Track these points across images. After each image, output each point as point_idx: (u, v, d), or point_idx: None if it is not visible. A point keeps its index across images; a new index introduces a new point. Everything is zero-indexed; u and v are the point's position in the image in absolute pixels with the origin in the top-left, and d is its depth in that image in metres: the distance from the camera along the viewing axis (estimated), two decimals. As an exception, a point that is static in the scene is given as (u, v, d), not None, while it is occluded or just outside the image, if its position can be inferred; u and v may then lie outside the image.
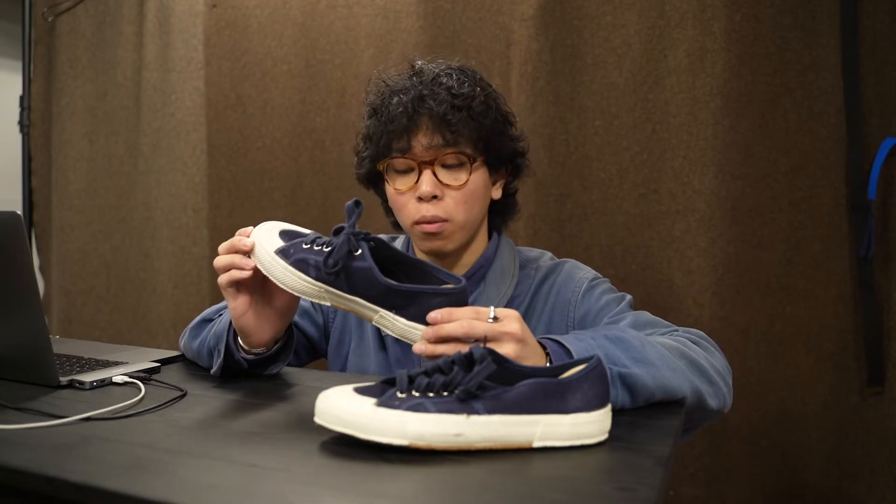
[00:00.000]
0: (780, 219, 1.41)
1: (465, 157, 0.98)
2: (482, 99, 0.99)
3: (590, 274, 1.07)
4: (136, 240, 1.93)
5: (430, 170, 0.97)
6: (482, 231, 1.08)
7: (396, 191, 1.01)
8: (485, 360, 0.66)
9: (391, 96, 0.99)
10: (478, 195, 1.01)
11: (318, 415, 0.68)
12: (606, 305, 1.01)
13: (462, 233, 1.01)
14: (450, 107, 0.95)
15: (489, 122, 0.99)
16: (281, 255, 0.80)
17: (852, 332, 1.38)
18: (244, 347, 0.92)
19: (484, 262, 1.06)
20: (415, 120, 0.96)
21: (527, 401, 0.66)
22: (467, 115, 0.96)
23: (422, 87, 0.97)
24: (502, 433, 0.66)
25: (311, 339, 1.14)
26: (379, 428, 0.64)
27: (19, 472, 0.63)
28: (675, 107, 1.45)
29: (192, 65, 1.79)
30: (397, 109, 0.96)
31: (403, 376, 0.67)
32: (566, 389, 0.68)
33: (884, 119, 1.34)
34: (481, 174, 1.01)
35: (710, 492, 1.46)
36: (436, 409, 0.65)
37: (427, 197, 0.97)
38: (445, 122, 0.95)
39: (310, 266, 0.79)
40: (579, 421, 0.67)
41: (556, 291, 1.05)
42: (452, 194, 0.98)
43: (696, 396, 0.83)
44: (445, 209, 0.98)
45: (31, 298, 0.88)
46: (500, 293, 1.04)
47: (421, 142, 0.97)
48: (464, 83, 0.98)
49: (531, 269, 1.08)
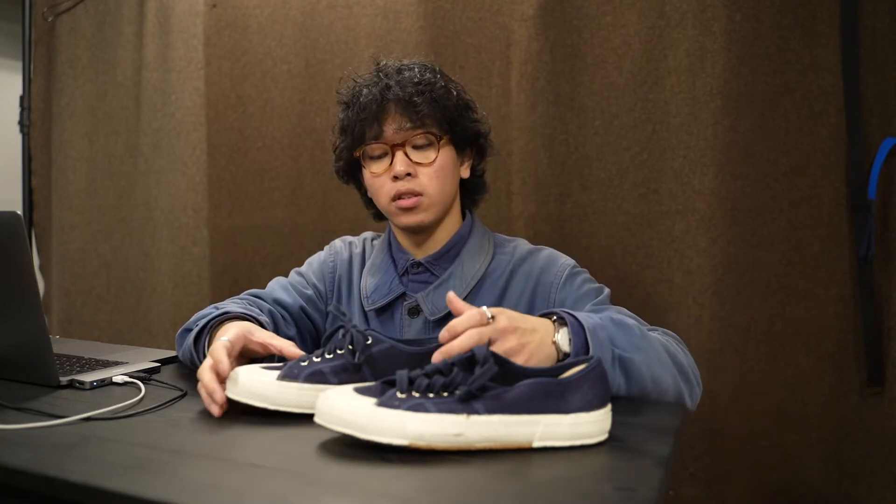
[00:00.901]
0: (780, 219, 1.41)
1: (433, 136, 1.07)
2: (442, 84, 1.08)
3: (570, 262, 1.11)
4: (136, 240, 1.93)
5: (402, 151, 1.06)
6: (455, 210, 1.14)
7: (373, 174, 1.08)
8: (487, 361, 0.66)
9: (360, 90, 1.08)
10: (448, 171, 1.08)
11: (319, 415, 0.68)
12: (587, 294, 1.05)
13: (437, 207, 1.08)
14: (414, 92, 1.04)
15: (451, 105, 1.08)
16: (288, 379, 0.79)
17: (852, 332, 1.38)
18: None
19: (458, 238, 1.12)
20: (383, 106, 1.05)
21: (527, 401, 0.66)
22: (430, 98, 1.05)
23: (387, 78, 1.06)
24: (502, 433, 0.66)
25: (317, 327, 1.17)
26: (379, 428, 0.64)
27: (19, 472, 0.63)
28: (675, 107, 1.45)
29: (192, 65, 1.79)
30: (367, 98, 1.05)
31: (403, 377, 0.67)
32: (566, 389, 0.68)
33: (884, 119, 1.34)
34: (449, 152, 1.09)
35: (710, 492, 1.46)
36: (436, 409, 0.65)
37: (402, 175, 1.05)
38: (411, 104, 1.04)
39: (326, 374, 0.79)
40: (579, 421, 0.67)
41: (537, 273, 1.09)
42: (425, 171, 1.06)
43: (678, 393, 0.88)
44: (420, 184, 1.06)
45: (31, 298, 0.88)
46: (474, 268, 1.09)
47: (391, 126, 1.05)
48: (425, 72, 1.08)
49: (509, 247, 1.13)
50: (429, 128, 1.06)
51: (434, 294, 1.07)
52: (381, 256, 1.14)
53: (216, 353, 0.82)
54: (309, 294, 1.15)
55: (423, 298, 1.07)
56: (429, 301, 1.06)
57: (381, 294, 1.10)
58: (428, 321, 1.06)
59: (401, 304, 1.09)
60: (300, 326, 1.14)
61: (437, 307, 1.06)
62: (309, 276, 1.18)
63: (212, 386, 0.79)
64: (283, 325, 1.11)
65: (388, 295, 1.09)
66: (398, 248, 1.14)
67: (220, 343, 0.84)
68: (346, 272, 1.17)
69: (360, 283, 1.14)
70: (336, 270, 1.17)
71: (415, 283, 1.10)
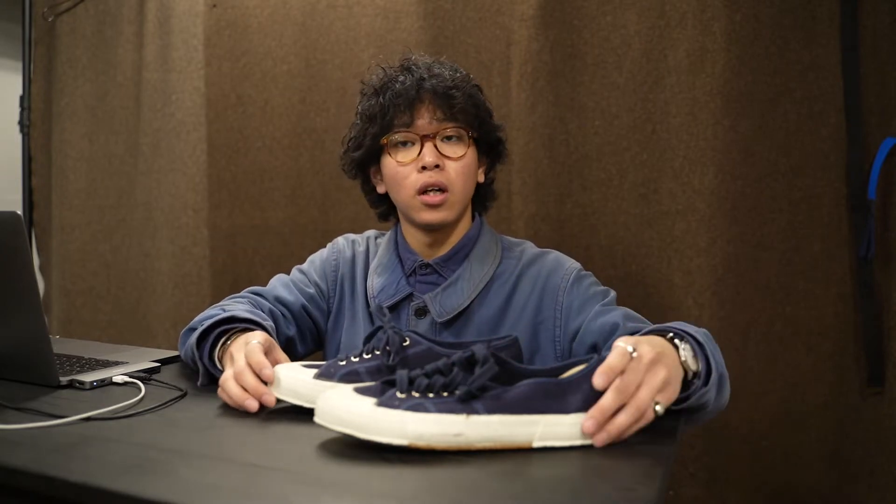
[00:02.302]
0: (780, 219, 1.41)
1: (464, 131, 1.07)
2: (474, 84, 1.11)
3: (577, 265, 1.11)
4: (136, 240, 1.93)
5: (432, 142, 1.05)
6: (468, 212, 1.15)
7: (399, 163, 1.07)
8: (487, 361, 0.66)
9: (395, 76, 1.08)
10: (472, 170, 1.09)
11: (318, 415, 0.68)
12: (594, 296, 1.05)
13: (460, 205, 1.09)
14: (451, 85, 1.05)
15: (482, 105, 1.10)
16: (324, 378, 0.80)
17: (852, 332, 1.38)
18: (220, 368, 0.93)
19: (467, 240, 1.12)
20: (420, 95, 1.05)
21: (526, 401, 0.66)
22: (466, 94, 1.06)
23: (420, 71, 1.06)
24: (502, 433, 0.66)
25: (318, 326, 1.17)
26: (379, 428, 0.64)
27: (19, 472, 0.63)
28: (675, 107, 1.45)
29: (192, 65, 1.79)
30: (403, 86, 1.05)
31: (403, 376, 0.67)
32: (566, 389, 0.68)
33: (884, 119, 1.34)
34: (474, 152, 1.10)
35: (710, 492, 1.46)
36: (436, 409, 0.65)
37: (430, 165, 1.04)
38: (448, 97, 1.04)
39: (361, 374, 0.80)
40: (580, 421, 0.67)
41: (545, 276, 1.09)
42: (452, 165, 1.06)
43: (726, 404, 0.86)
44: (447, 178, 1.05)
45: (31, 298, 0.88)
46: (482, 270, 1.09)
47: (424, 116, 1.05)
48: (456, 71, 1.09)
49: (516, 251, 1.13)
50: (461, 122, 1.06)
51: (442, 295, 1.06)
52: (387, 256, 1.13)
53: (255, 355, 0.82)
54: (311, 292, 1.15)
55: (431, 299, 1.06)
56: (437, 302, 1.06)
57: (388, 294, 1.09)
58: (435, 322, 1.06)
59: (407, 304, 1.08)
60: (301, 325, 1.14)
61: (444, 309, 1.05)
62: (311, 274, 1.17)
63: (260, 389, 0.80)
64: (283, 323, 1.11)
65: (395, 295, 1.08)
66: (406, 247, 1.13)
67: (255, 345, 0.84)
68: (350, 271, 1.16)
69: (364, 281, 1.14)
70: (339, 269, 1.17)
71: (422, 284, 1.09)
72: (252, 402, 0.80)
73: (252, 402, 0.80)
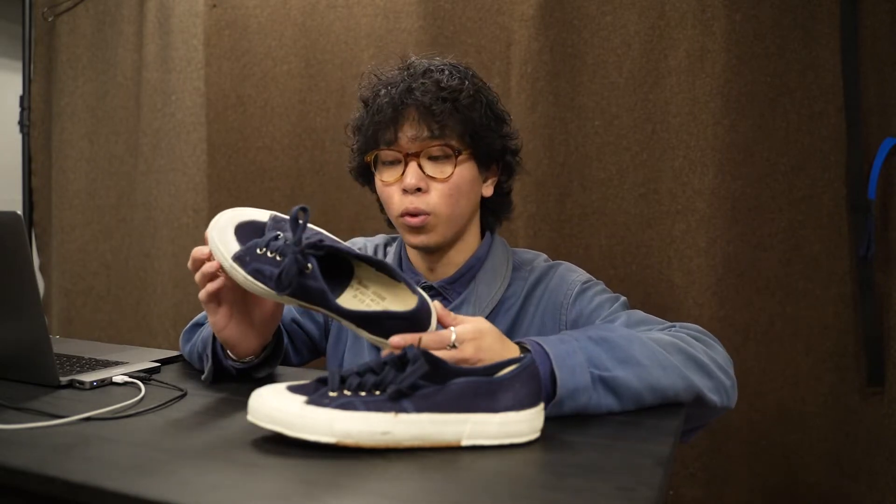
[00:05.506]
0: (780, 219, 1.41)
1: (451, 149, 0.98)
2: (471, 93, 0.98)
3: (583, 277, 1.06)
4: (136, 240, 1.93)
5: (416, 162, 0.97)
6: (473, 229, 1.07)
7: (383, 182, 1.01)
8: (417, 360, 0.66)
9: (381, 88, 0.99)
10: (463, 189, 1.00)
11: (250, 412, 0.68)
12: (599, 306, 1.00)
13: (446, 227, 1.00)
14: (436, 98, 0.95)
15: (477, 116, 0.98)
16: (238, 263, 0.77)
17: (852, 332, 1.38)
18: (232, 357, 0.92)
19: (475, 261, 1.05)
20: (401, 111, 0.96)
21: (456, 399, 0.67)
22: (453, 108, 0.96)
23: (411, 79, 0.97)
24: (430, 431, 0.66)
25: (311, 337, 1.14)
26: (306, 426, 0.65)
27: (19, 472, 0.63)
28: (675, 107, 1.45)
29: (192, 65, 1.79)
30: (384, 100, 0.97)
31: (335, 374, 0.67)
32: (497, 388, 0.68)
33: (884, 119, 1.34)
34: (468, 168, 1.00)
35: (710, 492, 1.46)
36: (364, 407, 0.65)
37: (411, 189, 0.97)
38: (431, 113, 0.95)
39: (266, 278, 0.75)
40: (508, 420, 0.68)
41: (548, 294, 1.04)
42: (437, 187, 0.98)
43: (693, 393, 0.82)
44: (428, 202, 0.98)
45: (31, 298, 0.88)
46: (490, 294, 1.03)
47: (407, 133, 0.97)
48: (454, 77, 0.98)
49: (525, 270, 1.07)
50: (447, 140, 0.97)
51: None
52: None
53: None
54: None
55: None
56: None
57: None
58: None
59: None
60: (294, 338, 1.12)
61: None
62: None
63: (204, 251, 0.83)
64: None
65: None
66: (409, 267, 1.08)
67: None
68: None
69: None
70: None
71: None
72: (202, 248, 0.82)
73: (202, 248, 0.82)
